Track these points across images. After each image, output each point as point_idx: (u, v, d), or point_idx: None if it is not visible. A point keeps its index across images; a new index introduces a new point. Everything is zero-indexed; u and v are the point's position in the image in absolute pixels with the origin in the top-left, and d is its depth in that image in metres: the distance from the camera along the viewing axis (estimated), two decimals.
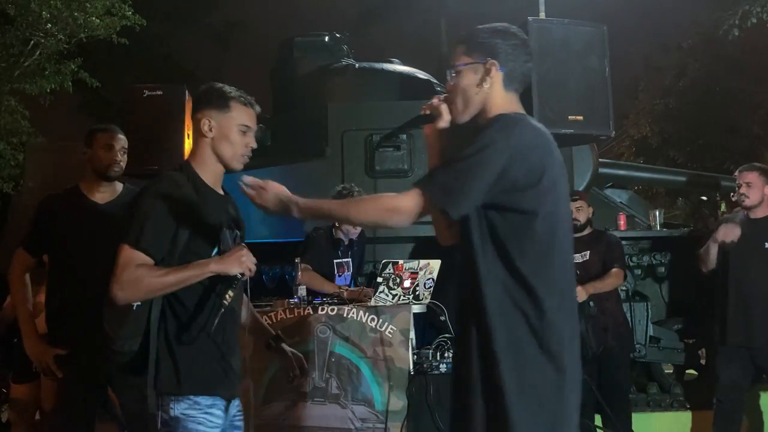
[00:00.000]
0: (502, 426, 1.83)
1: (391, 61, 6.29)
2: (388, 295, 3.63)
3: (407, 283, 3.63)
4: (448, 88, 2.08)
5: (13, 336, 3.56)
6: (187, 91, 4.55)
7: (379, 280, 3.62)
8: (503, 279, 1.88)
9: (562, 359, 1.86)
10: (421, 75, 6.07)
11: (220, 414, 2.19)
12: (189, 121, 4.32)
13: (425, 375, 3.55)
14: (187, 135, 4.45)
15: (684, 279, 5.13)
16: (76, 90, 11.43)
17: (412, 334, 3.66)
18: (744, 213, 4.23)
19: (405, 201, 1.93)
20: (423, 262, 3.69)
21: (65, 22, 9.97)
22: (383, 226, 3.20)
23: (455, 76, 2.04)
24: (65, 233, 3.15)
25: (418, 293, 3.70)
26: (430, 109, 2.11)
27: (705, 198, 16.55)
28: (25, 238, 3.24)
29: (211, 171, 2.28)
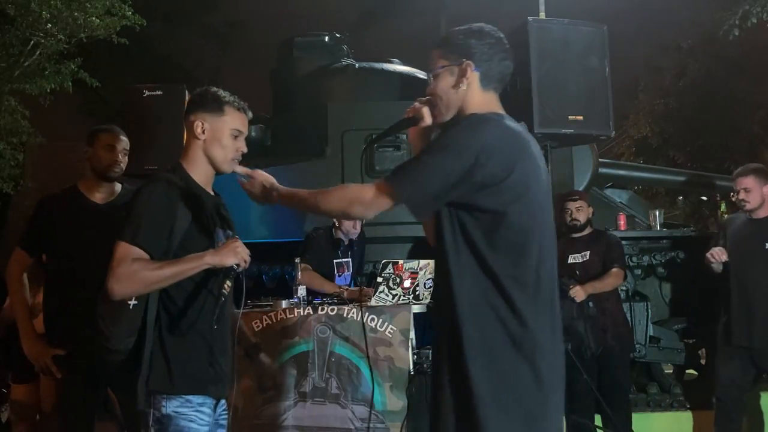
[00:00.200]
0: (472, 426, 1.83)
1: (391, 61, 6.28)
2: (388, 295, 3.63)
3: (407, 283, 3.62)
4: (428, 91, 2.10)
5: (13, 337, 3.55)
6: (187, 91, 4.54)
7: (379, 280, 3.62)
8: (476, 278, 1.88)
9: (534, 358, 1.86)
10: (421, 75, 6.05)
11: (210, 412, 2.24)
12: None
13: (425, 375, 3.54)
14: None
15: (684, 279, 5.13)
16: (76, 90, 11.42)
17: (412, 334, 3.65)
18: (746, 214, 4.23)
19: (367, 192, 1.97)
20: (423, 262, 3.69)
21: (65, 22, 9.96)
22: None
23: (434, 80, 2.07)
24: (64, 233, 3.14)
25: (418, 293, 3.70)
26: (413, 113, 2.15)
27: (705, 198, 16.56)
28: (23, 238, 3.23)
29: (202, 172, 2.32)
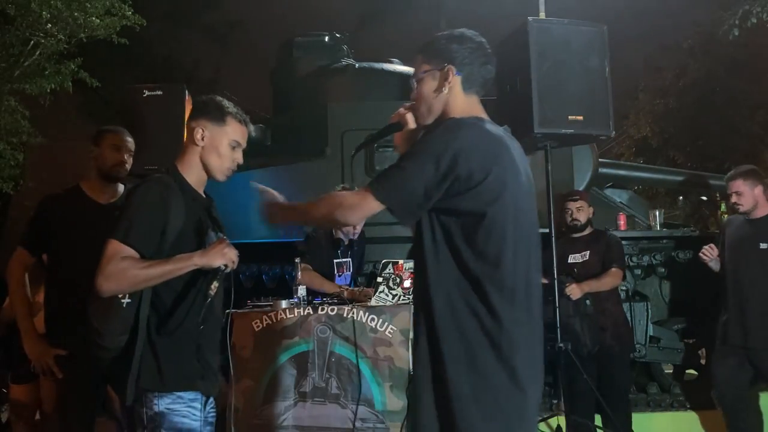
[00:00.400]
0: (451, 427, 1.84)
1: (391, 61, 6.28)
2: (388, 295, 3.63)
3: (407, 283, 3.62)
4: (412, 96, 2.12)
5: (13, 336, 3.55)
6: (187, 91, 4.55)
7: (379, 280, 3.62)
8: (455, 281, 1.89)
9: (513, 360, 1.86)
10: None
11: (200, 408, 2.26)
12: None
13: None
14: None
15: (684, 279, 5.14)
16: (76, 90, 11.39)
17: (412, 334, 3.64)
18: (744, 215, 4.26)
19: (351, 198, 1.99)
20: None
21: (65, 22, 9.95)
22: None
23: (417, 84, 2.09)
24: (65, 232, 3.14)
25: None
26: (398, 118, 2.17)
27: (705, 198, 16.55)
28: (24, 237, 3.23)
29: (196, 176, 2.37)
